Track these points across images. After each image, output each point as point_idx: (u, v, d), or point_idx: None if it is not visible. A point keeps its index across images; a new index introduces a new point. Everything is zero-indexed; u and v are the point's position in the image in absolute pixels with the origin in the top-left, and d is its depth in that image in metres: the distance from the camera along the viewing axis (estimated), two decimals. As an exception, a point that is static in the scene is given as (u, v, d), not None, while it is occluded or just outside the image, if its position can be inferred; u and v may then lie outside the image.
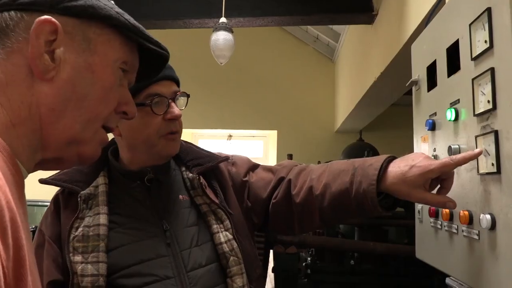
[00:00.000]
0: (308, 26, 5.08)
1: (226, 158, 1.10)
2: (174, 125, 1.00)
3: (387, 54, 2.56)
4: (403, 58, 2.22)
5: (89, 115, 0.60)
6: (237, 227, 1.03)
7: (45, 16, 0.56)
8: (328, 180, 0.99)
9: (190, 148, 1.13)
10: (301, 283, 2.64)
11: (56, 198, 1.02)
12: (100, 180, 0.99)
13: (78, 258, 0.89)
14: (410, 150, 1.34)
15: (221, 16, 2.56)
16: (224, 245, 0.97)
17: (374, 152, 3.38)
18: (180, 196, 1.03)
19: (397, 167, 0.88)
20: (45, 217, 1.01)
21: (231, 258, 0.96)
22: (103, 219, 0.93)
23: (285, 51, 5.39)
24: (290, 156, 3.84)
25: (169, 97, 0.99)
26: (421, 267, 1.18)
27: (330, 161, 3.30)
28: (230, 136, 5.69)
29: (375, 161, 0.92)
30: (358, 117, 4.23)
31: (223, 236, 0.97)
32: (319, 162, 3.51)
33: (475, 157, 0.80)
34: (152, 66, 0.76)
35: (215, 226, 0.98)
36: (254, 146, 5.79)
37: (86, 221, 0.93)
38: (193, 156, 1.09)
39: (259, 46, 5.39)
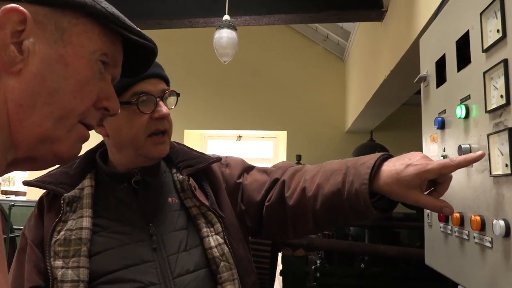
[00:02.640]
0: (318, 25, 5.01)
1: (218, 159, 1.06)
2: (161, 123, 0.95)
3: (397, 52, 2.49)
4: (413, 55, 2.15)
5: (61, 111, 0.55)
6: (230, 230, 0.98)
7: (12, 4, 0.51)
8: (320, 181, 0.92)
9: (181, 149, 1.09)
10: (310, 286, 2.58)
11: (40, 201, 0.97)
12: (86, 182, 0.96)
13: (58, 263, 0.85)
14: (421, 150, 1.27)
15: (226, 14, 2.52)
16: (214, 249, 0.91)
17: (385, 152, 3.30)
18: (169, 199, 0.98)
19: (392, 165, 0.81)
20: (29, 220, 0.97)
21: (222, 263, 0.91)
22: (86, 222, 0.89)
23: (295, 51, 5.33)
24: (299, 157, 3.78)
25: (156, 95, 0.94)
26: (433, 271, 1.11)
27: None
28: (240, 137, 5.66)
29: (368, 160, 0.85)
30: (368, 117, 4.15)
31: (214, 240, 0.92)
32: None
33: (478, 159, 0.74)
34: (140, 60, 0.71)
35: (205, 229, 0.94)
36: (263, 147, 5.74)
37: (69, 224, 0.89)
38: (184, 158, 1.04)
39: (268, 46, 5.34)
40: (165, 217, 0.95)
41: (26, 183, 0.96)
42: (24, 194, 5.53)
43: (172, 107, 0.99)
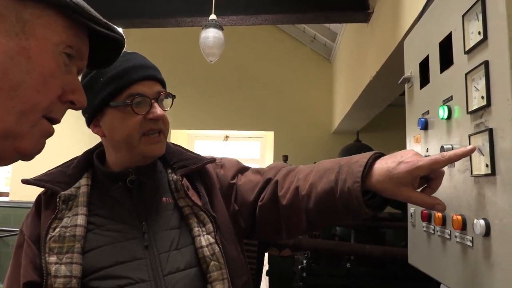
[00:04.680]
0: (305, 26, 5.03)
1: (212, 160, 1.07)
2: (155, 124, 0.96)
3: (383, 53, 2.51)
4: (398, 57, 2.17)
5: (24, 106, 0.53)
6: (222, 231, 0.99)
7: None
8: (314, 180, 0.93)
9: (177, 150, 1.10)
10: (297, 286, 2.58)
11: (38, 199, 1.01)
12: (83, 181, 0.98)
13: (53, 258, 0.87)
14: (404, 150, 1.28)
15: (213, 13, 2.51)
16: (205, 249, 0.92)
17: (371, 153, 3.33)
18: (164, 199, 1.00)
19: (384, 163, 0.82)
20: (27, 218, 1.00)
21: (212, 262, 0.91)
22: (80, 220, 0.91)
23: (282, 52, 5.34)
24: (285, 157, 3.78)
25: (151, 97, 0.96)
26: (418, 270, 1.12)
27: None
28: (227, 137, 5.64)
29: (361, 158, 0.86)
30: (355, 117, 4.18)
31: (205, 239, 0.93)
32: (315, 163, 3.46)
33: (468, 153, 0.74)
34: (108, 52, 0.69)
35: (196, 229, 0.94)
36: (251, 147, 5.74)
37: (64, 222, 0.91)
38: (179, 158, 1.05)
39: (256, 47, 5.34)
40: (158, 216, 0.97)
41: (25, 181, 0.98)
42: (6, 194, 5.42)
43: (168, 109, 1.00)
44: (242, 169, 1.12)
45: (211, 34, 2.35)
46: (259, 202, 1.03)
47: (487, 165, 0.71)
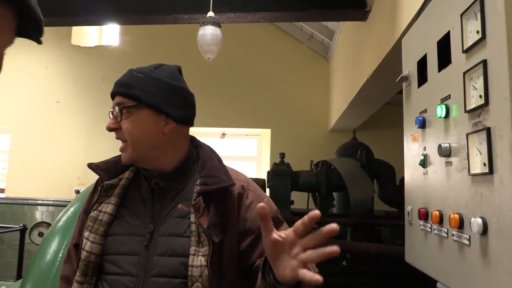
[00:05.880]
0: (303, 24, 5.02)
1: (232, 184, 1.03)
2: (116, 134, 1.06)
3: (380, 52, 2.51)
4: (396, 55, 2.17)
5: None
6: (226, 254, 1.00)
7: None
8: None
9: (209, 161, 1.09)
10: (293, 284, 2.58)
11: (97, 180, 1.15)
12: (126, 174, 1.10)
13: (86, 234, 1.03)
14: (403, 149, 1.28)
15: (211, 11, 2.50)
16: (195, 269, 0.95)
17: (367, 151, 3.33)
18: (179, 205, 1.04)
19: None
20: (89, 193, 1.17)
21: (196, 284, 0.94)
22: (110, 208, 1.05)
23: (280, 49, 5.33)
24: (282, 155, 3.78)
25: (112, 110, 1.06)
26: (414, 268, 1.12)
27: (323, 160, 3.21)
28: (224, 134, 5.63)
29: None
30: (352, 116, 4.17)
31: (198, 260, 0.95)
32: (312, 161, 3.45)
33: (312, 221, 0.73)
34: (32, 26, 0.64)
35: (193, 248, 0.97)
36: (247, 145, 5.73)
37: (101, 207, 1.05)
38: (207, 173, 1.05)
39: (253, 44, 5.33)
40: (168, 220, 1.02)
41: (89, 165, 1.12)
42: (2, 191, 5.40)
43: (120, 120, 1.04)
44: (277, 221, 1.06)
45: (209, 31, 2.34)
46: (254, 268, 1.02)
47: (484, 164, 0.72)
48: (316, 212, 0.73)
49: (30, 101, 5.29)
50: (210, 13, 2.46)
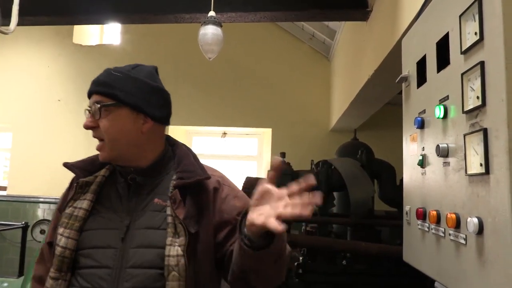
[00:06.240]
0: (304, 24, 5.02)
1: (207, 177, 1.09)
2: (93, 132, 1.08)
3: (381, 52, 2.51)
4: (396, 56, 2.17)
5: None
6: (202, 246, 1.03)
7: None
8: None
9: (185, 157, 1.14)
10: (293, 283, 2.60)
11: (72, 179, 1.18)
12: (102, 172, 1.14)
13: (60, 230, 1.05)
14: (402, 149, 1.29)
15: (212, 10, 2.50)
16: (171, 258, 0.97)
17: (368, 151, 3.34)
18: (155, 200, 1.07)
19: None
20: (64, 191, 1.20)
21: (173, 272, 0.97)
22: (86, 204, 1.07)
23: (281, 49, 5.33)
24: (283, 155, 3.79)
25: (89, 109, 1.08)
26: (414, 268, 1.13)
27: (324, 159, 3.21)
28: (225, 133, 5.64)
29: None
30: (352, 116, 4.18)
31: (174, 250, 0.98)
32: (312, 161, 3.46)
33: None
34: None
35: (170, 238, 1.00)
36: (248, 144, 5.73)
37: (76, 203, 1.08)
38: (183, 168, 1.10)
39: (254, 44, 5.33)
40: (144, 214, 1.05)
41: (65, 164, 1.14)
42: (4, 189, 5.42)
43: (98, 118, 1.06)
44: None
45: (209, 31, 2.34)
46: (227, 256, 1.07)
47: (481, 164, 0.72)
48: (312, 178, 0.83)
49: (31, 100, 5.31)
50: (211, 13, 2.47)
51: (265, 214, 0.84)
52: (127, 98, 1.06)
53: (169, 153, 1.16)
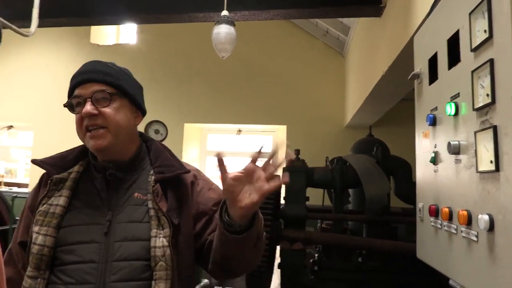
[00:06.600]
0: (318, 20, 5.00)
1: (186, 171, 1.15)
2: (89, 120, 1.06)
3: (395, 48, 2.49)
4: (410, 52, 2.16)
5: None
6: (182, 237, 1.08)
7: None
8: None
9: (162, 153, 1.18)
10: (308, 279, 2.61)
11: (42, 176, 1.17)
12: (76, 168, 1.13)
13: (36, 228, 1.04)
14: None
15: (225, 9, 2.52)
16: (158, 249, 1.01)
17: (383, 147, 3.32)
18: (136, 194, 1.09)
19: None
20: (32, 190, 1.19)
21: (160, 263, 1.01)
22: (62, 201, 1.07)
23: (295, 46, 5.32)
24: (298, 152, 3.79)
25: (86, 97, 1.07)
26: (429, 266, 1.13)
27: (339, 156, 3.21)
28: (240, 131, 5.67)
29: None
30: (367, 112, 4.15)
31: (159, 241, 1.02)
32: (327, 158, 3.46)
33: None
34: None
35: (155, 230, 1.03)
36: (263, 141, 5.75)
37: (51, 200, 1.07)
38: (161, 163, 1.14)
39: (268, 41, 5.34)
40: (125, 208, 1.08)
41: (33, 161, 1.14)
42: (26, 186, 5.56)
43: (106, 105, 1.07)
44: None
45: (223, 30, 2.36)
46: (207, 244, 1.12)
47: (491, 162, 0.73)
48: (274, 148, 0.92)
49: (51, 99, 5.43)
50: (224, 12, 2.49)
51: (256, 190, 0.91)
52: (129, 90, 1.11)
53: (144, 149, 1.19)
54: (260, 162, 0.94)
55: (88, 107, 1.05)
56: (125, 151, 1.14)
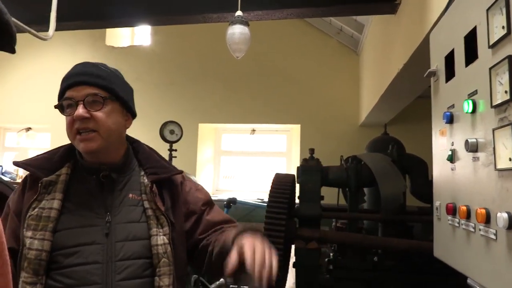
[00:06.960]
0: (332, 18, 4.98)
1: (180, 172, 1.20)
2: (80, 123, 1.06)
3: (410, 45, 2.47)
4: (426, 49, 2.14)
5: None
6: (178, 235, 1.12)
7: None
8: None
9: (151, 155, 1.22)
10: (323, 278, 2.60)
11: (25, 179, 1.14)
12: (64, 170, 1.11)
13: (29, 233, 1.02)
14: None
15: (239, 10, 2.53)
16: (159, 247, 1.06)
17: (398, 146, 3.29)
18: (130, 195, 1.12)
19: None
20: (13, 193, 1.15)
21: (163, 259, 1.06)
22: (56, 204, 1.05)
23: (309, 44, 5.31)
24: (312, 151, 3.78)
25: (78, 99, 1.06)
26: (446, 265, 1.13)
27: (353, 155, 3.20)
28: (254, 130, 5.67)
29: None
30: (382, 110, 4.12)
31: (160, 239, 1.07)
32: (342, 157, 3.45)
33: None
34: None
35: (154, 229, 1.07)
36: (277, 141, 5.75)
37: (43, 204, 1.05)
38: (152, 165, 1.18)
39: (282, 40, 5.33)
40: (122, 209, 1.10)
41: (15, 163, 1.12)
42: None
43: (98, 109, 1.07)
44: (211, 203, 1.26)
45: (237, 31, 2.38)
46: (203, 242, 1.17)
47: (510, 159, 0.72)
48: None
49: (68, 101, 5.51)
50: (238, 12, 2.50)
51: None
52: (121, 93, 1.13)
53: (131, 150, 1.21)
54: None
55: (80, 110, 1.05)
56: (115, 153, 1.15)
